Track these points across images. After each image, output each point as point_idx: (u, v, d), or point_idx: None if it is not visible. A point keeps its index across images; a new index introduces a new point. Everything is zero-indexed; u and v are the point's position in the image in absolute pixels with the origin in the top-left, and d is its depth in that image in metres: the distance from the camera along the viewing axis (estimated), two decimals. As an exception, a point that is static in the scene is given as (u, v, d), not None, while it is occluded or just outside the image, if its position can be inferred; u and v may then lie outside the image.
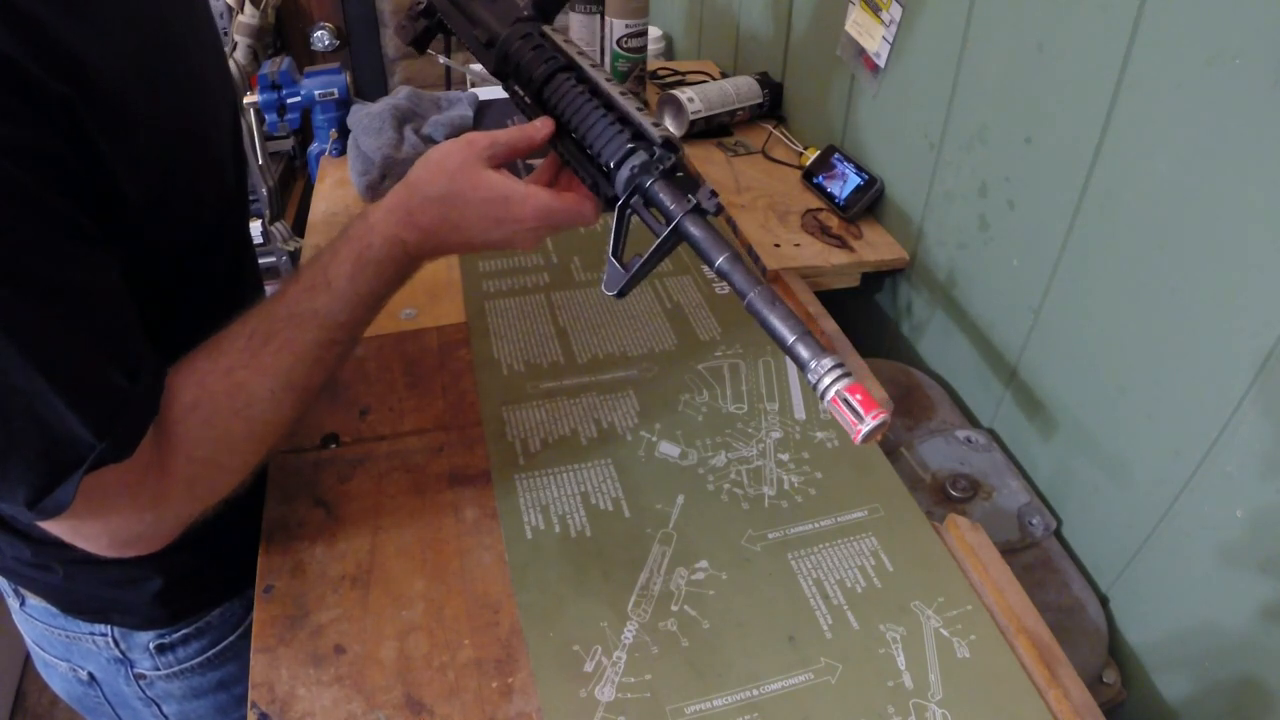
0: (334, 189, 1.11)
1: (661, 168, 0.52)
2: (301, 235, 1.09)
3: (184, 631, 0.68)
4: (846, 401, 0.42)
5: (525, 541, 0.63)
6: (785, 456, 0.71)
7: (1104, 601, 0.78)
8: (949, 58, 0.89)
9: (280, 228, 1.43)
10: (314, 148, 1.23)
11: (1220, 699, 0.67)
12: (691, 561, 0.62)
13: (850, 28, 1.07)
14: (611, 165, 0.53)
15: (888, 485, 0.69)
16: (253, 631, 0.57)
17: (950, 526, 0.65)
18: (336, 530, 0.64)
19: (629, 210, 0.53)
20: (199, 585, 0.67)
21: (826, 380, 0.43)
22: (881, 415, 0.42)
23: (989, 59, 0.84)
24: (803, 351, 0.45)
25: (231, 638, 0.70)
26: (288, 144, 1.98)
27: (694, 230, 0.49)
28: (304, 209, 1.26)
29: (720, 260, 0.48)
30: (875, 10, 1.01)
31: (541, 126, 0.57)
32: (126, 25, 0.47)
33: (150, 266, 0.51)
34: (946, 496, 0.82)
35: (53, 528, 0.46)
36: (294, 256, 1.50)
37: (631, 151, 0.52)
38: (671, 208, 0.49)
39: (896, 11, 0.97)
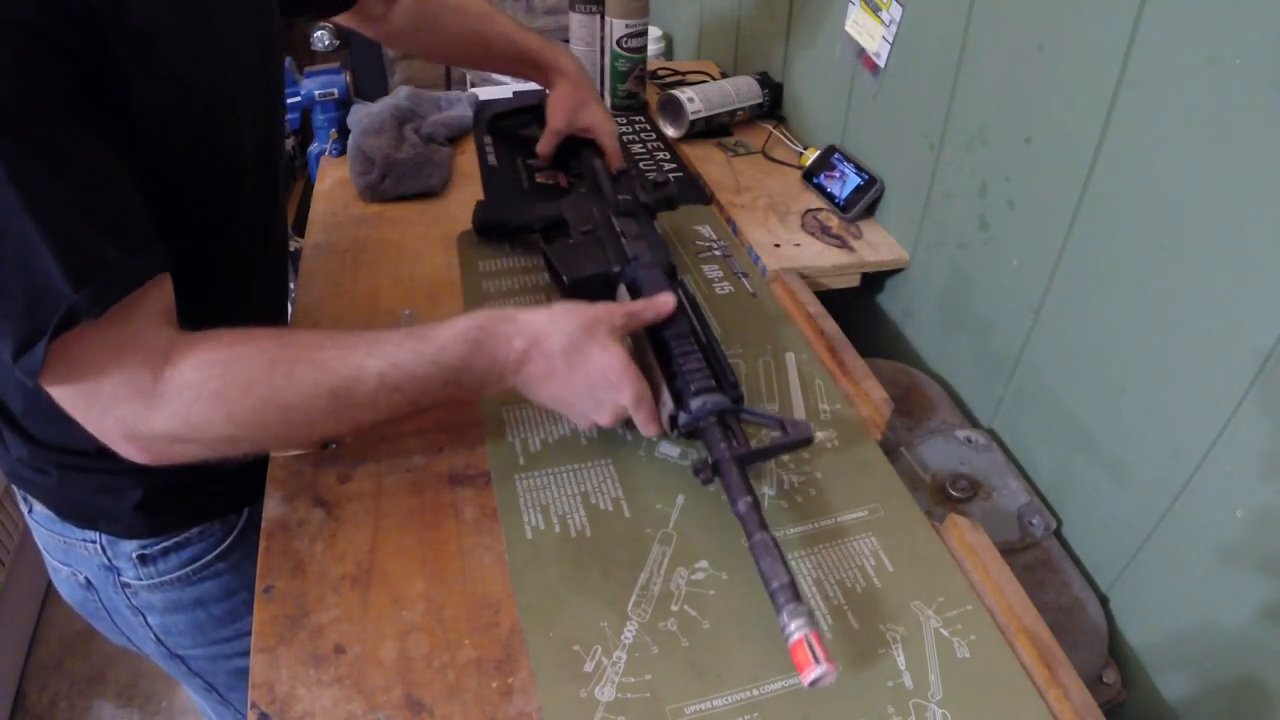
0: (334, 189, 1.11)
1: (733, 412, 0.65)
2: (301, 235, 1.09)
3: (164, 544, 0.72)
4: (810, 645, 0.50)
5: (525, 541, 0.63)
6: (785, 456, 0.71)
7: (1104, 601, 0.78)
8: (949, 58, 0.89)
9: (280, 228, 1.43)
10: (314, 148, 1.23)
11: (1220, 699, 0.68)
12: (691, 561, 0.62)
13: (850, 28, 1.07)
14: (693, 389, 0.65)
15: (888, 485, 0.69)
16: (253, 631, 0.57)
17: (950, 526, 0.65)
18: (336, 530, 0.64)
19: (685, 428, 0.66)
20: (177, 502, 0.71)
21: (795, 623, 0.51)
22: (832, 669, 0.49)
23: (989, 59, 0.84)
24: (780, 597, 0.53)
25: (208, 557, 0.74)
26: (288, 144, 1.98)
27: (730, 469, 0.60)
28: (304, 209, 1.26)
29: (740, 502, 0.58)
30: (875, 10, 1.01)
31: (666, 302, 0.69)
32: None
33: (170, 222, 0.55)
34: (946, 496, 0.82)
35: (55, 394, 0.51)
36: (294, 256, 1.50)
37: (710, 389, 0.66)
38: (720, 445, 0.62)
39: (896, 11, 0.97)
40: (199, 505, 0.73)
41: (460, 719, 0.53)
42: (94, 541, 0.70)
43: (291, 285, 1.00)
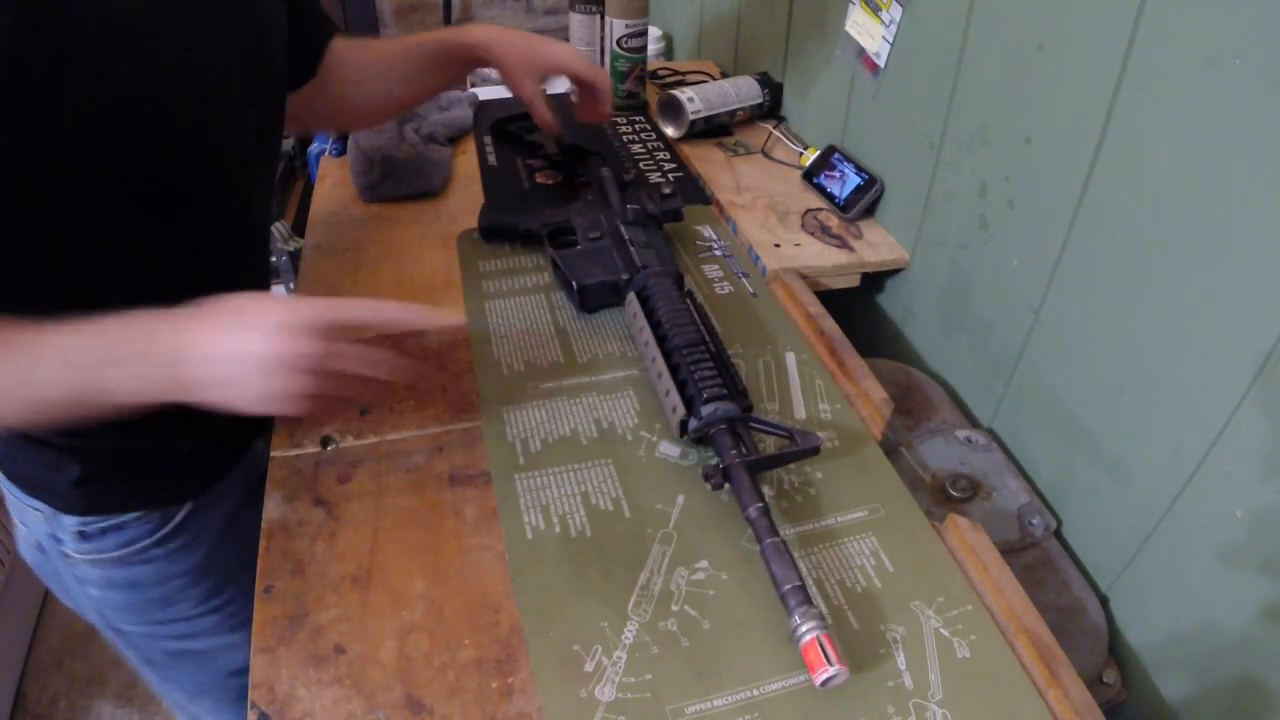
0: (334, 189, 1.11)
1: (746, 421, 0.67)
2: (301, 235, 1.09)
3: (101, 525, 0.72)
4: (821, 646, 0.52)
5: (525, 541, 0.63)
6: (785, 456, 0.71)
7: (1104, 601, 0.78)
8: (949, 58, 0.89)
9: (280, 228, 1.44)
10: (314, 148, 1.23)
11: (1220, 699, 0.68)
12: (692, 561, 0.62)
13: (850, 28, 1.07)
14: (704, 396, 0.67)
15: (888, 485, 0.69)
16: (253, 631, 0.57)
17: (950, 526, 0.65)
18: (336, 530, 0.64)
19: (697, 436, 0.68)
20: (114, 486, 0.71)
21: (806, 625, 0.53)
22: (844, 670, 0.51)
23: (989, 59, 0.84)
24: (791, 599, 0.55)
25: (144, 543, 0.74)
26: (288, 144, 1.98)
27: (742, 475, 0.62)
28: (304, 209, 1.26)
29: (752, 507, 0.60)
30: (875, 10, 1.01)
31: (445, 319, 0.63)
32: None
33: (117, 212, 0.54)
34: (946, 496, 0.82)
35: None
36: (294, 256, 1.50)
37: (723, 397, 0.68)
38: (731, 452, 0.64)
39: (896, 11, 0.97)
40: (137, 492, 0.72)
41: (460, 719, 0.53)
42: (39, 510, 0.71)
43: (291, 285, 1.00)
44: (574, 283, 0.83)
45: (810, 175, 1.14)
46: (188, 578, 0.77)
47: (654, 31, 1.64)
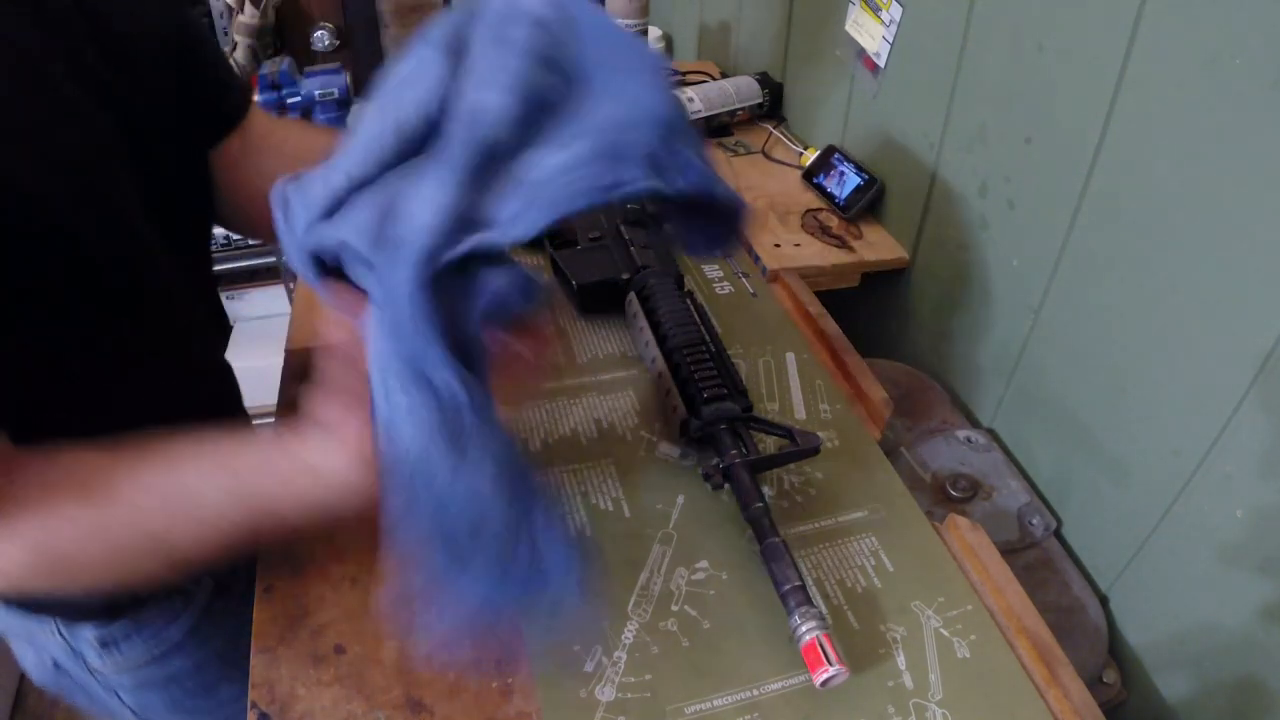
0: (334, 189, 1.11)
1: (745, 420, 0.67)
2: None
3: (123, 628, 0.67)
4: (821, 647, 0.52)
5: (525, 541, 0.63)
6: (785, 456, 0.71)
7: (1104, 601, 0.78)
8: (949, 58, 0.89)
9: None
10: (314, 148, 1.23)
11: (1220, 699, 0.68)
12: (691, 561, 0.62)
13: (850, 28, 1.07)
14: (705, 396, 0.67)
15: (888, 485, 0.69)
16: (253, 631, 0.57)
17: (950, 526, 0.65)
18: (336, 530, 0.64)
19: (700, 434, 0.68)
20: None
21: (806, 625, 0.53)
22: (844, 670, 0.51)
23: (989, 59, 0.84)
24: (791, 599, 0.55)
25: (171, 631, 0.69)
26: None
27: (742, 475, 0.62)
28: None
29: (753, 507, 0.60)
30: (875, 10, 1.01)
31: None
32: None
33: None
34: (946, 496, 0.82)
35: None
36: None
37: (724, 397, 0.67)
38: (731, 452, 0.64)
39: (896, 11, 0.97)
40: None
41: (460, 719, 0.53)
42: (48, 625, 0.66)
43: (292, 285, 1.00)
44: (574, 283, 0.83)
45: (810, 175, 1.14)
46: (223, 660, 0.72)
47: (654, 31, 1.64)
